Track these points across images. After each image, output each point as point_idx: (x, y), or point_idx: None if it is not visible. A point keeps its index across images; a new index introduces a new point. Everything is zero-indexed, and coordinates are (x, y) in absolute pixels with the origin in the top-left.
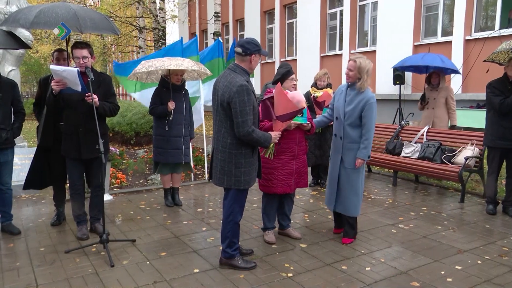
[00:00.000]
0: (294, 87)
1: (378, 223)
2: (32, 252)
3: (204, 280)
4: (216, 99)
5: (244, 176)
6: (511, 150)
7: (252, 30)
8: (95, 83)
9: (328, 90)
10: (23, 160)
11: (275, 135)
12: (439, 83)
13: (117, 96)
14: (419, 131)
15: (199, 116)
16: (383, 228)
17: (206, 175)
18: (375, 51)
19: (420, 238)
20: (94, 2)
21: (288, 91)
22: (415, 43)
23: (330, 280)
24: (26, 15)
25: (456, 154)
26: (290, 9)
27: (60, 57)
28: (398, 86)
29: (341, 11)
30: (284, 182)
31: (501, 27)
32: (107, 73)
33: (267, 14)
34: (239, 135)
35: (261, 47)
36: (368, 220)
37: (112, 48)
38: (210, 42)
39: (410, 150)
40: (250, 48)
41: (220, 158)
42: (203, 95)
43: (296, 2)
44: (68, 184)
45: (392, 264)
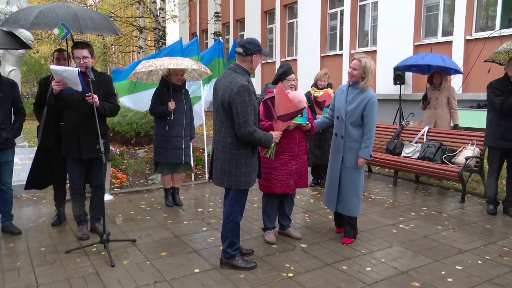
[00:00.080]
0: (292, 88)
1: (378, 223)
2: (33, 252)
3: (205, 280)
4: (217, 99)
5: (244, 176)
6: (511, 150)
7: (253, 30)
8: (95, 83)
9: (328, 90)
10: (23, 160)
11: (276, 135)
12: (441, 83)
13: (117, 96)
14: (419, 131)
15: (199, 116)
16: (384, 228)
17: (207, 175)
18: (375, 51)
19: (421, 238)
20: (95, 2)
21: (289, 91)
22: (416, 43)
23: (330, 280)
24: (26, 16)
25: (456, 154)
26: (290, 9)
27: (60, 57)
28: (399, 86)
29: (341, 11)
30: (284, 182)
31: (501, 27)
32: (107, 73)
33: (268, 14)
34: (240, 136)
35: (262, 47)
36: (368, 220)
37: (113, 48)
38: (211, 42)
39: (410, 150)
40: (251, 48)
41: (221, 158)
42: (204, 95)
43: (296, 2)
44: (68, 184)
45: (392, 264)
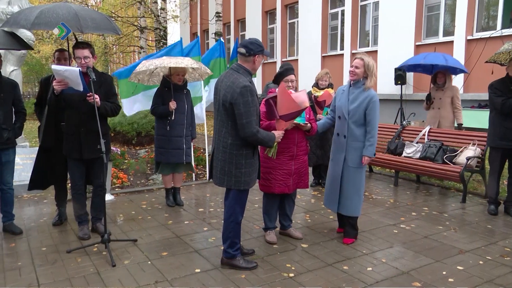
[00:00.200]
0: (291, 89)
1: (379, 223)
2: (34, 251)
3: (206, 280)
4: (218, 98)
5: (244, 177)
6: None
7: (253, 30)
8: (96, 83)
9: (329, 90)
10: (24, 160)
11: (279, 134)
12: (444, 83)
13: (118, 96)
14: (420, 131)
15: (200, 116)
16: (385, 228)
17: (207, 175)
18: (376, 51)
19: (422, 238)
20: (96, 2)
21: (292, 91)
22: (417, 43)
23: (331, 280)
24: (27, 16)
25: (457, 154)
26: (291, 9)
27: (61, 57)
28: (400, 86)
29: (342, 11)
30: (282, 182)
31: (503, 27)
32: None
33: (268, 14)
34: (244, 136)
35: (264, 48)
36: (369, 220)
37: (114, 48)
38: (212, 42)
39: (411, 150)
40: (254, 49)
41: (221, 158)
42: (205, 95)
43: (297, 2)
44: (69, 184)
45: (393, 264)
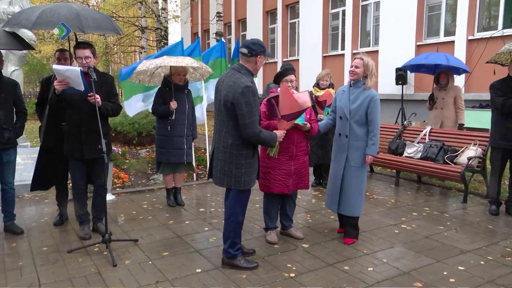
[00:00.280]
0: (291, 88)
1: (380, 224)
2: (35, 251)
3: (206, 280)
4: (219, 98)
5: (244, 177)
6: None
7: (254, 30)
8: (97, 83)
9: (330, 90)
10: (26, 160)
11: (280, 134)
12: (447, 83)
13: (119, 96)
14: (421, 131)
15: (201, 116)
16: (386, 229)
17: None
18: (377, 51)
19: (423, 239)
20: (97, 2)
21: (294, 91)
22: (418, 43)
23: (332, 280)
24: (28, 16)
25: (458, 154)
26: (292, 9)
27: (61, 57)
28: (401, 86)
29: (343, 11)
30: (281, 182)
31: (504, 27)
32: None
33: (269, 14)
34: (247, 136)
35: (266, 48)
36: (370, 220)
37: (115, 48)
38: (213, 42)
39: (412, 150)
40: (256, 49)
41: (221, 158)
42: (206, 95)
43: (298, 2)
44: (70, 184)
45: (394, 264)
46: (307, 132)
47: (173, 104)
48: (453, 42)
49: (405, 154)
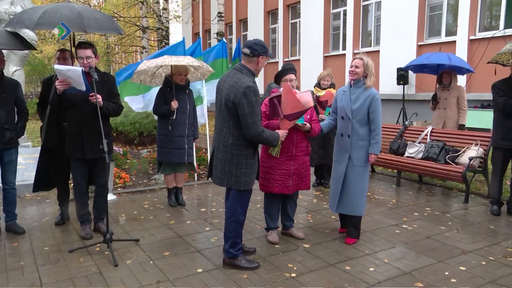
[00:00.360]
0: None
1: (381, 224)
2: (36, 251)
3: (208, 280)
4: (220, 98)
5: (244, 177)
6: None
7: (255, 30)
8: (98, 83)
9: (331, 90)
10: (27, 160)
11: (283, 134)
12: (450, 83)
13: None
14: (422, 131)
15: (202, 116)
16: (387, 229)
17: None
18: (378, 51)
19: (424, 239)
20: (98, 3)
21: (297, 90)
22: (419, 43)
23: (333, 281)
24: (30, 16)
25: (460, 154)
26: (293, 9)
27: (60, 57)
28: (402, 86)
29: (344, 11)
30: (281, 182)
31: (505, 26)
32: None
33: (270, 14)
34: (249, 136)
35: (268, 49)
36: (371, 220)
37: (116, 48)
38: (214, 42)
39: (413, 150)
40: (258, 50)
41: (221, 158)
42: (207, 95)
43: (299, 2)
44: (72, 184)
45: (395, 264)
46: (307, 132)
47: (174, 104)
48: (454, 42)
49: (406, 154)
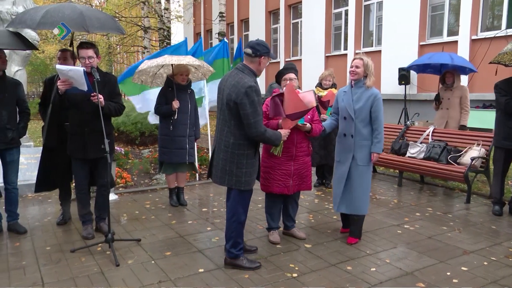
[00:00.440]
0: None
1: (383, 224)
2: (38, 251)
3: (209, 280)
4: (221, 97)
5: (245, 177)
6: None
7: (257, 30)
8: (100, 83)
9: (333, 90)
10: (29, 159)
11: (285, 133)
12: (453, 83)
13: (122, 96)
14: (424, 131)
15: (203, 116)
16: (388, 229)
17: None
18: (380, 51)
19: (426, 239)
20: (100, 3)
21: (299, 90)
22: (421, 43)
23: (334, 281)
24: (32, 16)
25: (462, 154)
26: (295, 9)
27: (61, 56)
28: (404, 86)
29: (346, 11)
30: (281, 182)
31: (507, 26)
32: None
33: (272, 14)
34: (252, 136)
35: (270, 50)
36: (373, 220)
37: (118, 48)
38: (215, 42)
39: (415, 151)
40: (260, 50)
41: (222, 158)
42: (208, 94)
43: (301, 2)
44: (73, 184)
45: (397, 264)
46: (308, 132)
47: (175, 104)
48: (456, 42)
49: (408, 154)
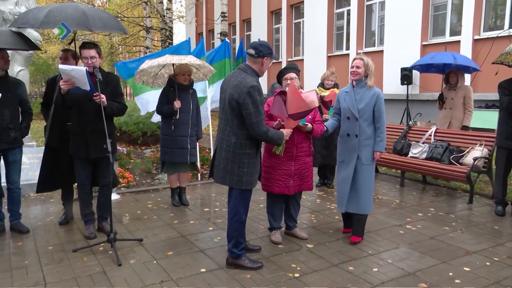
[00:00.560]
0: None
1: (385, 224)
2: (41, 250)
3: (211, 279)
4: (224, 97)
5: (246, 177)
6: None
7: (259, 30)
8: (102, 83)
9: (335, 90)
10: (31, 159)
11: (287, 133)
12: (457, 82)
13: (124, 96)
14: (426, 131)
15: (206, 116)
16: (391, 229)
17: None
18: (382, 51)
19: (428, 239)
20: (102, 3)
21: (302, 90)
22: (423, 43)
23: (336, 281)
24: (35, 15)
25: (464, 154)
26: (297, 9)
27: (62, 56)
28: (406, 86)
29: (348, 11)
30: (282, 183)
31: (510, 26)
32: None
33: (274, 14)
34: (254, 135)
35: (273, 51)
36: (375, 220)
37: (120, 48)
38: (217, 42)
39: (417, 151)
40: (263, 51)
41: (224, 157)
42: (210, 95)
43: (303, 2)
44: (76, 184)
45: (399, 265)
46: (309, 132)
47: (176, 103)
48: (459, 42)
49: (410, 155)
